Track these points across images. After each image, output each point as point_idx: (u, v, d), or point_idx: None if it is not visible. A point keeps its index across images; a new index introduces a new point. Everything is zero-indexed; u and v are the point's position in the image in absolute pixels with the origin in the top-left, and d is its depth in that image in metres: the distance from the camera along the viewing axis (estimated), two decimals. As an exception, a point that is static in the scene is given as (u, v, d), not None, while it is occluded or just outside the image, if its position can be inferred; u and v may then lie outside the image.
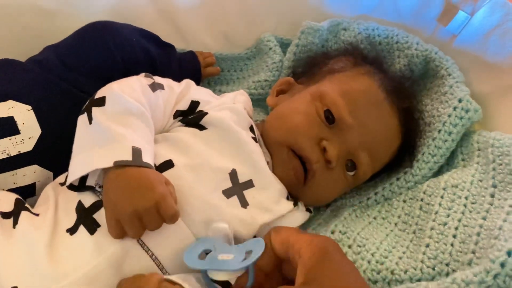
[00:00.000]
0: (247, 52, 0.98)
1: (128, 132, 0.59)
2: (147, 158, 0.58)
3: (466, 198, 0.66)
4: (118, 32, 0.77)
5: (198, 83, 0.90)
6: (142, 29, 0.82)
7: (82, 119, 0.62)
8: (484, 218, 0.61)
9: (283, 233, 0.54)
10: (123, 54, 0.76)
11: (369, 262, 0.64)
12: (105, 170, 0.58)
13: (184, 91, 0.71)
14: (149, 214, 0.54)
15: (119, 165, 0.56)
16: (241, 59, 0.98)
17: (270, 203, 0.66)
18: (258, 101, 0.92)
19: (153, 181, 0.55)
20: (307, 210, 0.73)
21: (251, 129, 0.71)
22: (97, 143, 0.58)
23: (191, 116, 0.69)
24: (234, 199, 0.63)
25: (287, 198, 0.70)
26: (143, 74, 0.70)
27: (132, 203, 0.54)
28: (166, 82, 0.70)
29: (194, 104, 0.70)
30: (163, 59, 0.83)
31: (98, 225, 0.57)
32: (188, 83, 0.73)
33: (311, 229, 0.73)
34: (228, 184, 0.63)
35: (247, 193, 0.64)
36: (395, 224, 0.71)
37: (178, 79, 0.76)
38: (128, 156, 0.57)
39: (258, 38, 0.97)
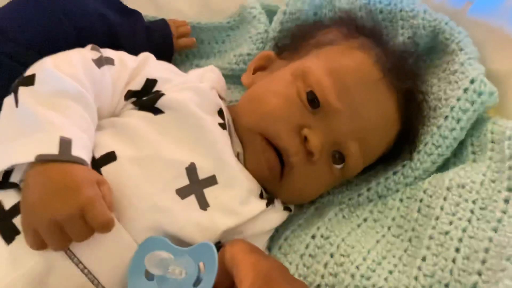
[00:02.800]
0: (229, 21, 0.86)
1: (59, 118, 0.48)
2: (79, 150, 0.48)
3: (474, 202, 0.54)
4: (70, -4, 0.66)
5: (170, 57, 0.80)
6: (100, -7, 0.71)
7: (8, 101, 0.51)
8: (495, 230, 0.50)
9: (233, 249, 0.46)
10: (75, 22, 0.66)
11: (352, 276, 0.54)
12: (30, 165, 0.48)
13: (140, 67, 0.60)
14: (72, 223, 0.44)
15: (42, 160, 0.46)
16: (222, 29, 0.86)
17: (236, 204, 0.55)
18: (240, 78, 0.80)
19: (79, 181, 0.45)
20: (286, 208, 0.63)
21: (220, 113, 0.60)
22: (21, 132, 0.48)
23: (145, 98, 0.58)
24: (191, 199, 0.53)
25: (261, 196, 0.59)
26: (90, 46, 0.59)
27: (49, 210, 0.44)
28: (118, 56, 0.59)
29: (150, 83, 0.59)
30: (126, 28, 0.72)
31: (18, 232, 0.47)
32: (146, 57, 0.62)
33: (290, 231, 0.63)
34: (184, 181, 0.53)
35: (209, 192, 0.54)
36: (388, 228, 0.60)
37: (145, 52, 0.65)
38: (53, 149, 0.46)
39: (241, 4, 0.84)
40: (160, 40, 0.77)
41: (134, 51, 0.64)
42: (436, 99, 0.66)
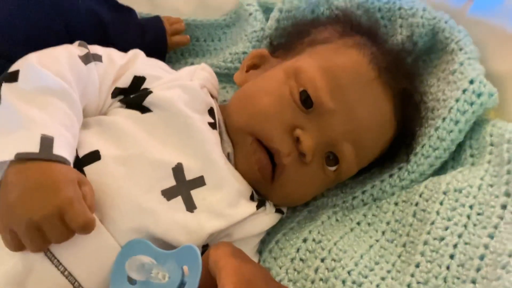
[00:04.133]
0: (225, 18, 0.84)
1: (41, 116, 0.47)
2: (61, 149, 0.46)
3: (471, 207, 0.52)
4: (58, -9, 0.64)
5: (164, 55, 0.78)
6: (91, -12, 0.69)
7: (-9, 98, 0.50)
8: (491, 236, 0.48)
9: (217, 252, 0.44)
10: (66, 19, 0.65)
11: (343, 282, 0.52)
12: (11, 164, 0.46)
13: (129, 64, 0.58)
14: (50, 224, 0.42)
15: (23, 158, 0.44)
16: (218, 26, 0.84)
17: (224, 206, 0.54)
18: (235, 77, 0.78)
19: (59, 180, 0.44)
20: (278, 211, 0.61)
21: (211, 112, 0.58)
22: (2, 129, 0.47)
23: (133, 96, 0.56)
24: (178, 201, 0.51)
25: (252, 198, 0.58)
26: (77, 42, 0.57)
27: (27, 210, 0.42)
28: (106, 52, 0.58)
29: (138, 80, 0.57)
30: (118, 25, 0.70)
31: (-5, 233, 0.46)
32: (135, 54, 0.60)
33: (281, 234, 0.61)
34: (171, 182, 0.51)
35: (196, 194, 0.52)
36: (383, 233, 0.58)
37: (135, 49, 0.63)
38: (34, 147, 0.45)
39: (238, 1, 0.82)
40: (153, 37, 0.75)
41: (126, 49, 0.63)
42: (435, 99, 0.64)
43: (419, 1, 0.71)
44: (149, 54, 0.64)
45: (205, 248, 0.53)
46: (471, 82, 0.60)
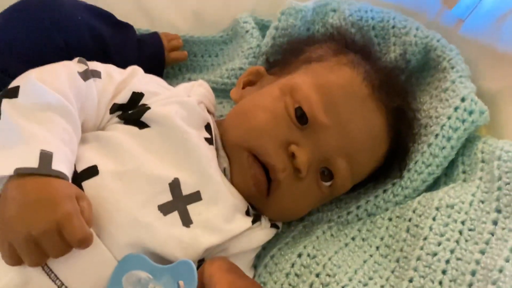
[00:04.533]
0: (222, 35, 0.86)
1: (41, 132, 0.48)
2: (60, 164, 0.47)
3: (463, 223, 0.53)
4: (59, 8, 0.65)
5: (161, 70, 0.79)
6: (90, 5, 0.70)
7: (-8, 113, 0.50)
8: (482, 252, 0.49)
9: (212, 267, 0.45)
10: (65, 35, 0.65)
11: (338, 297, 0.53)
12: (10, 178, 0.47)
13: (127, 81, 0.59)
14: (48, 239, 0.43)
15: (22, 173, 0.45)
16: (216, 43, 0.85)
17: (220, 220, 0.54)
18: (232, 93, 0.79)
19: (57, 195, 0.44)
20: (273, 226, 0.62)
21: (208, 127, 0.59)
22: (2, 144, 0.47)
23: (131, 111, 0.57)
24: (174, 216, 0.52)
25: (247, 213, 0.58)
26: (76, 59, 0.58)
27: (25, 225, 0.43)
28: (105, 69, 0.59)
29: (136, 96, 0.58)
30: (116, 41, 0.71)
31: (-7, 247, 0.46)
32: (133, 70, 0.61)
33: (276, 249, 0.61)
34: (167, 197, 0.52)
35: (192, 208, 0.53)
36: (377, 248, 0.59)
37: (137, 65, 0.64)
38: (33, 163, 0.45)
39: (234, 18, 0.84)
40: (151, 53, 0.77)
41: (125, 64, 0.64)
42: (427, 116, 0.65)
43: (412, 20, 0.72)
44: (147, 70, 0.65)
45: (201, 262, 0.54)
46: (463, 100, 0.61)
